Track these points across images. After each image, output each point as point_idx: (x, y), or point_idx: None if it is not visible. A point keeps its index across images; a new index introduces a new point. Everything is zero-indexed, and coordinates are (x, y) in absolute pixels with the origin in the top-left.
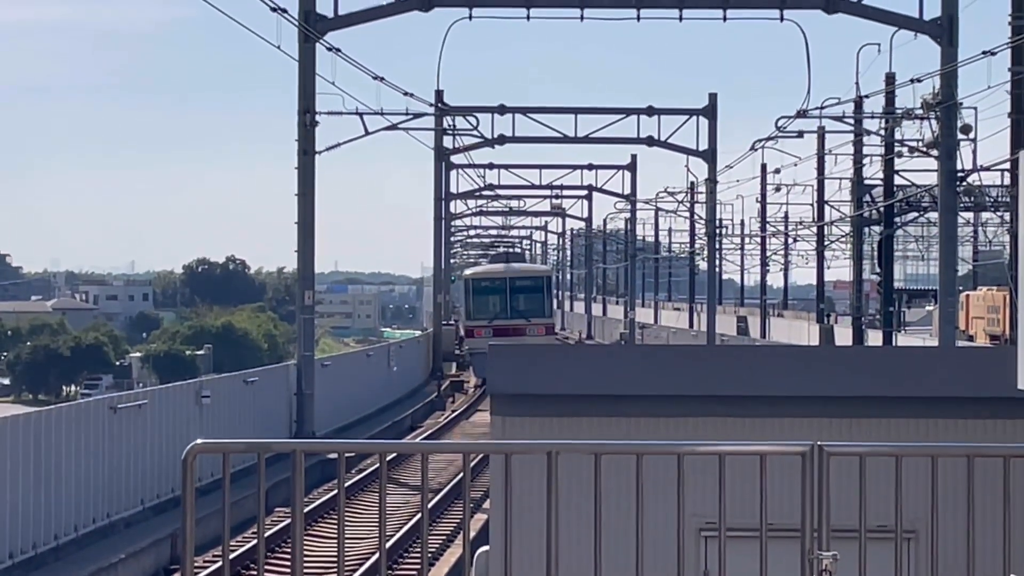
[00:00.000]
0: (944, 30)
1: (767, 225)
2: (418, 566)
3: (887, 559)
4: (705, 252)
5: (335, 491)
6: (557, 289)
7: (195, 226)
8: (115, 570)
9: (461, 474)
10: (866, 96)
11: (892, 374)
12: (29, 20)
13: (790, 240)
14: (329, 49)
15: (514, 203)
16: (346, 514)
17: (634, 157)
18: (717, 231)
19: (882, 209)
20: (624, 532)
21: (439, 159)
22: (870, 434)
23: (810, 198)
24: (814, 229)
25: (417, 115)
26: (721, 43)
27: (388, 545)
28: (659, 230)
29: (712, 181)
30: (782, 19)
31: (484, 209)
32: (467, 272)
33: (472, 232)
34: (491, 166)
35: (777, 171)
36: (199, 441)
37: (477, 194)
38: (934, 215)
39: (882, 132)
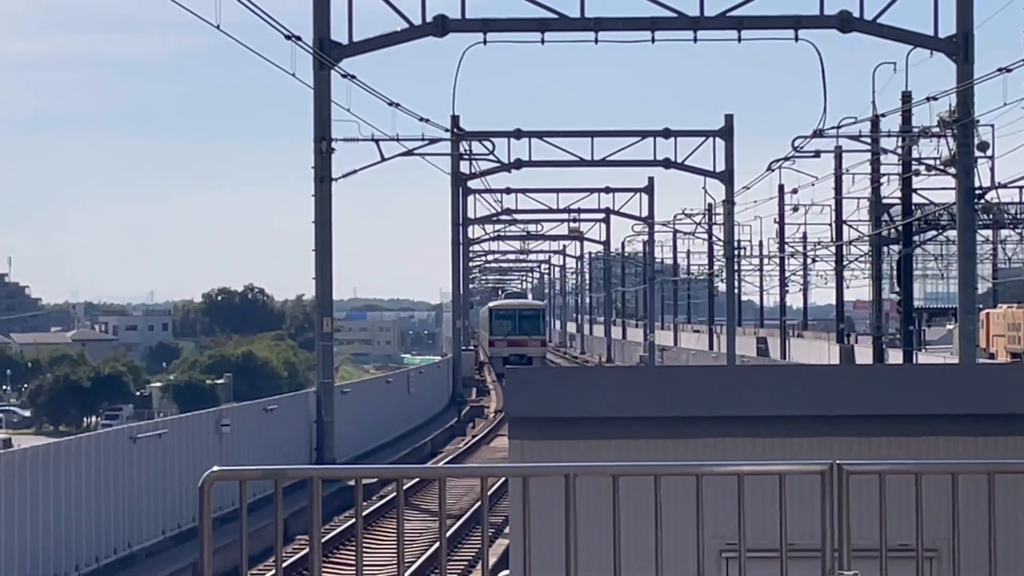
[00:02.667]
0: (960, 48)
1: (786, 245)
2: None
3: None
4: (724, 274)
5: (354, 519)
6: (573, 311)
7: (214, 255)
8: None
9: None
10: (883, 115)
11: (911, 392)
12: (46, 52)
13: (809, 260)
14: (344, 76)
15: (532, 227)
16: (365, 541)
17: (651, 180)
18: (735, 252)
19: (900, 228)
20: (644, 554)
21: (456, 184)
22: (890, 452)
23: (828, 218)
24: (833, 249)
25: (433, 140)
26: (736, 64)
27: (407, 573)
28: (677, 252)
29: (730, 202)
30: (797, 39)
31: (502, 234)
32: (490, 304)
33: (490, 257)
34: (508, 191)
35: (795, 191)
36: (216, 469)
37: (495, 219)
38: (953, 233)
39: (899, 151)
